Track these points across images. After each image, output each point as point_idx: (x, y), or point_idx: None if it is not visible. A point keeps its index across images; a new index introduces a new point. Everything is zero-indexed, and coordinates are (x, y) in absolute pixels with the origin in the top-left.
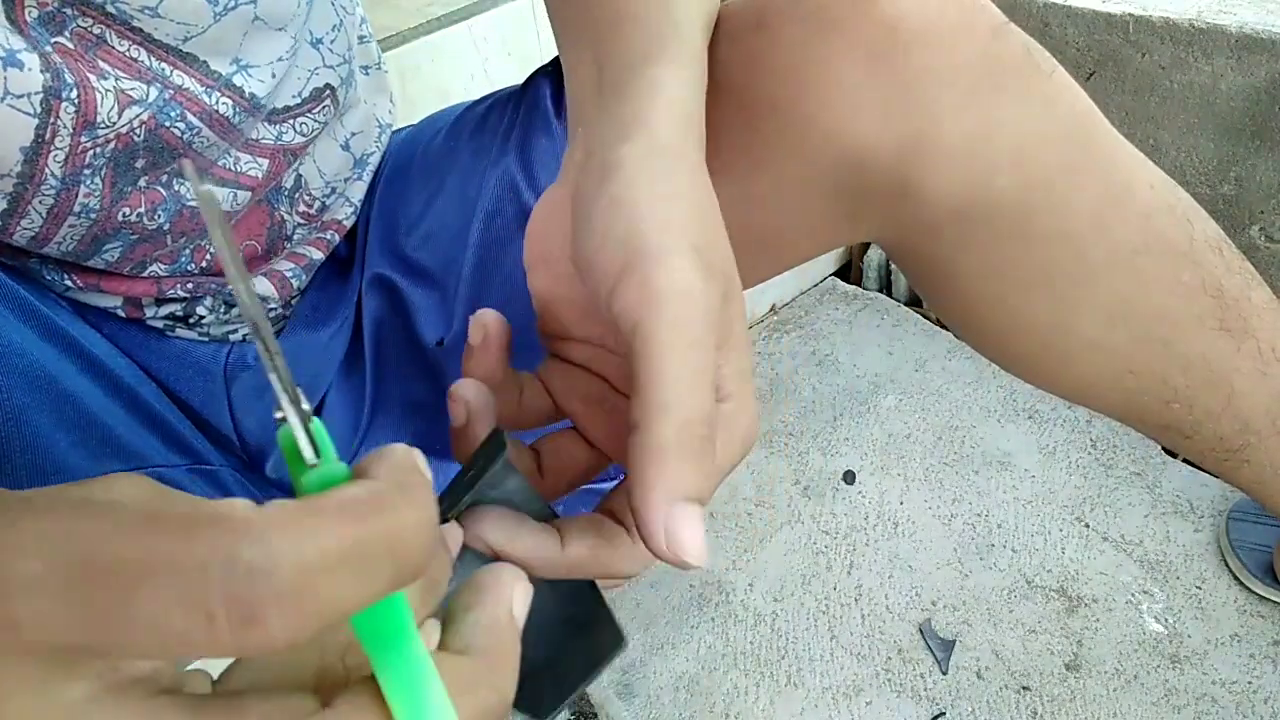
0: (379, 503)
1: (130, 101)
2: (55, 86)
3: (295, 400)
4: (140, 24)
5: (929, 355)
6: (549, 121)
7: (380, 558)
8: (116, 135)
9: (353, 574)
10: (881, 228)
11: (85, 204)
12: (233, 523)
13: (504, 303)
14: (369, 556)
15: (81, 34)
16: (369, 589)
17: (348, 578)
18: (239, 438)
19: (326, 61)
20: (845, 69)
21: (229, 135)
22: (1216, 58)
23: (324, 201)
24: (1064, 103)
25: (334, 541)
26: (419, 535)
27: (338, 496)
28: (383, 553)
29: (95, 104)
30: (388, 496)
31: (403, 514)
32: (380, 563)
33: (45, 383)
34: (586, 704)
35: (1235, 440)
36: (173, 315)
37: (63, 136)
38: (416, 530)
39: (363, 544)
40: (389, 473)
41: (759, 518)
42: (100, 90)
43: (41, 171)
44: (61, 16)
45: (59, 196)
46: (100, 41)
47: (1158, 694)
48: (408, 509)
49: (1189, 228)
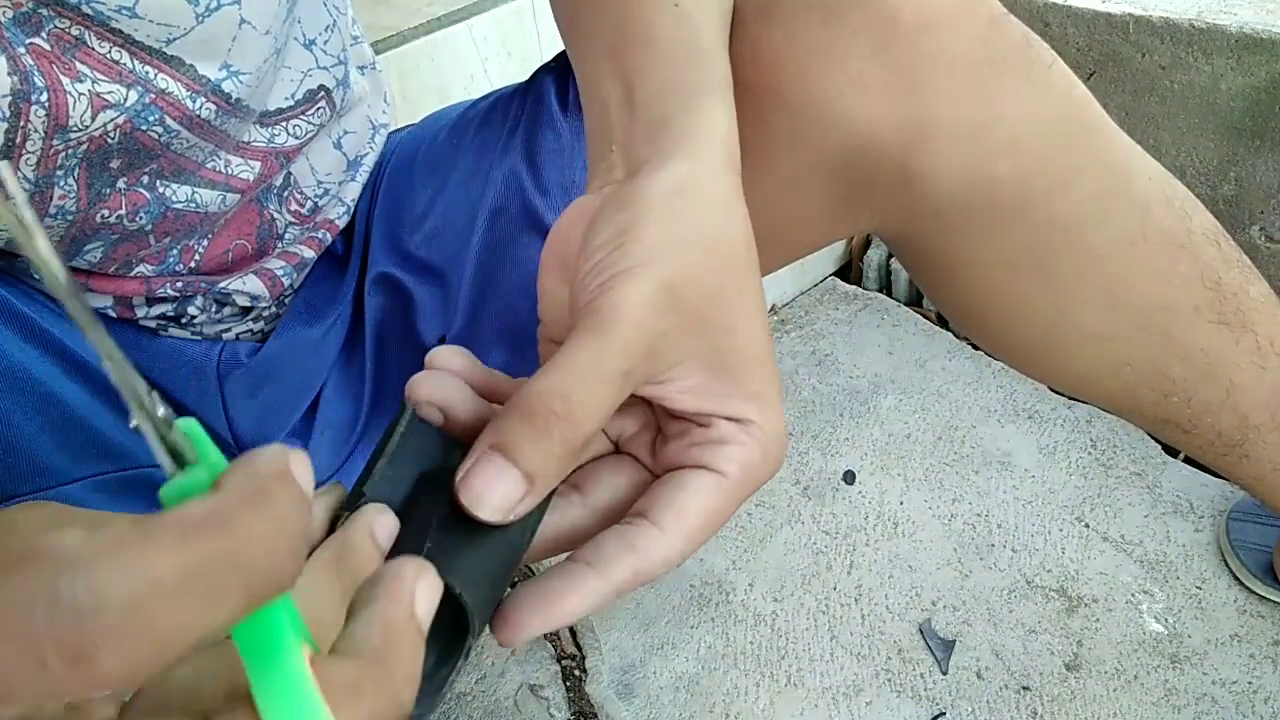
0: (219, 519)
1: (105, 105)
2: (24, 89)
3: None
4: (119, 25)
5: (929, 355)
6: (554, 118)
7: (224, 578)
8: (89, 138)
9: (193, 599)
10: (883, 217)
11: (61, 205)
12: (57, 556)
13: (508, 300)
14: (209, 578)
15: (59, 35)
16: (217, 612)
17: (188, 603)
18: (233, 437)
19: (320, 63)
20: (848, 56)
21: (212, 136)
22: (1216, 58)
23: (316, 201)
24: (1063, 93)
25: (167, 568)
26: (270, 548)
27: (175, 516)
28: (226, 572)
29: (67, 107)
30: (230, 510)
31: (247, 527)
32: (225, 583)
33: (28, 385)
34: (586, 704)
35: (1234, 435)
36: (164, 315)
37: (34, 140)
38: (265, 543)
39: (200, 566)
40: (240, 483)
41: (759, 518)
42: (73, 94)
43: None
44: (38, 17)
45: (32, 199)
46: (79, 43)
47: (1158, 694)
48: (255, 521)
49: (1187, 220)
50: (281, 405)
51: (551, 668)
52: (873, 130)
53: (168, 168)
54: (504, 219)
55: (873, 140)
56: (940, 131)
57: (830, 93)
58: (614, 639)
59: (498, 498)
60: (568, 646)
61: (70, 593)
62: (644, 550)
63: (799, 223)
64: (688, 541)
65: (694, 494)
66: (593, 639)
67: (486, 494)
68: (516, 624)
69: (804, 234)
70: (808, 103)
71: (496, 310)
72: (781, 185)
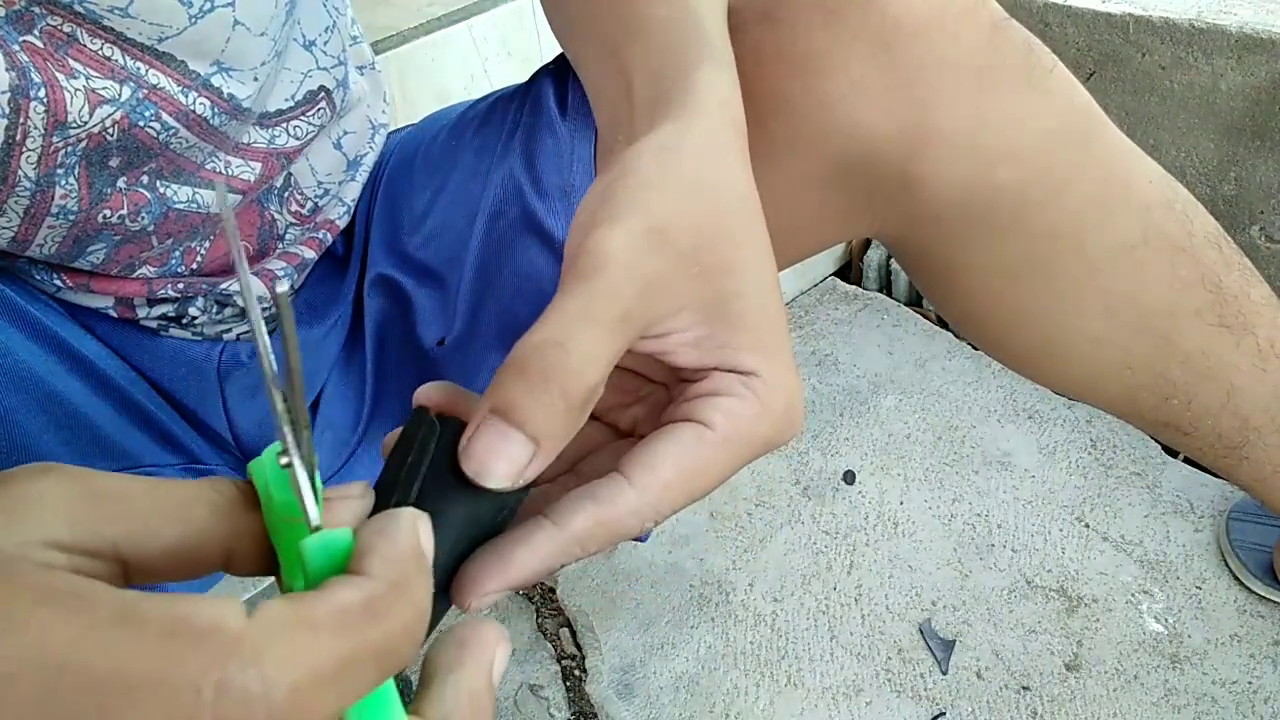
0: (374, 611)
1: (101, 101)
2: (22, 85)
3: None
4: (111, 23)
5: (929, 355)
6: (553, 121)
7: (370, 664)
8: (88, 135)
9: (344, 685)
10: (883, 222)
11: (63, 205)
12: (224, 639)
13: (507, 302)
14: (360, 667)
15: (51, 32)
16: (359, 694)
17: (339, 689)
18: (234, 437)
19: (320, 64)
20: (848, 61)
21: (210, 137)
22: (1216, 58)
23: (316, 202)
24: (1064, 97)
25: (328, 659)
26: (412, 637)
27: (332, 602)
28: (373, 659)
29: (65, 103)
30: (384, 602)
31: (398, 618)
32: (370, 669)
33: (33, 384)
34: (586, 704)
35: (1235, 437)
36: (165, 316)
37: (34, 137)
38: (409, 633)
39: (355, 657)
40: (387, 567)
41: (759, 518)
42: (70, 90)
43: (15, 173)
44: (30, 15)
45: (35, 198)
46: (71, 40)
47: (1158, 694)
48: (404, 611)
49: (1188, 223)
50: None
51: (551, 668)
52: (873, 135)
53: (167, 167)
54: (503, 222)
55: (873, 145)
56: (940, 138)
57: (831, 97)
58: (614, 639)
59: (505, 464)
60: (568, 646)
61: (243, 678)
62: (606, 499)
63: (799, 226)
64: (660, 495)
65: (669, 446)
66: (593, 639)
67: (491, 461)
68: (474, 588)
69: (804, 238)
70: (808, 107)
71: (495, 312)
72: (781, 189)
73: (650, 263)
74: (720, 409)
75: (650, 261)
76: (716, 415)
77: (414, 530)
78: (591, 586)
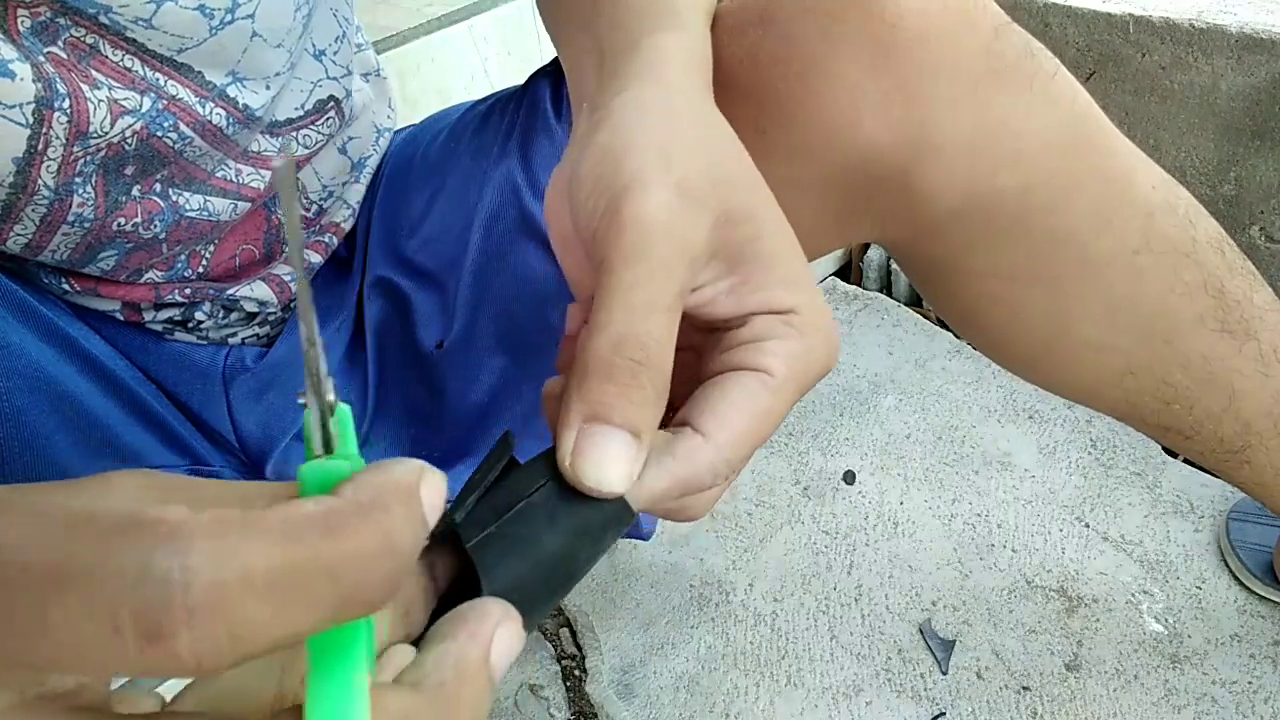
0: (328, 525)
1: (123, 111)
2: (47, 96)
3: (319, 389)
4: (134, 34)
5: (929, 355)
6: (549, 123)
7: (316, 586)
8: (108, 144)
9: (281, 600)
10: (883, 227)
11: (79, 213)
12: (159, 528)
13: (505, 305)
14: (301, 583)
15: (75, 43)
16: (302, 620)
17: (274, 604)
18: (238, 440)
19: (330, 73)
20: (848, 66)
21: (222, 145)
22: (1216, 58)
23: (321, 204)
24: (1065, 101)
25: (261, 561)
26: (369, 566)
27: (284, 511)
28: (320, 581)
29: (88, 114)
30: (340, 518)
31: (356, 540)
32: (316, 592)
33: (45, 384)
34: (586, 704)
35: (1236, 441)
36: (171, 319)
37: (55, 147)
38: (370, 561)
39: (295, 569)
40: (362, 490)
41: (759, 518)
42: (93, 100)
43: (35, 182)
44: (54, 26)
45: (52, 206)
46: (94, 51)
47: (1158, 694)
48: (365, 535)
49: (1191, 228)
50: (286, 409)
51: (551, 668)
52: (872, 142)
53: (178, 175)
54: (500, 224)
55: (872, 152)
56: (940, 142)
57: (829, 104)
58: (614, 639)
59: (621, 465)
60: (568, 646)
61: (164, 565)
62: (685, 457)
63: (798, 232)
64: (736, 447)
65: (735, 396)
66: (592, 639)
67: (607, 464)
68: None
69: (804, 242)
70: (807, 114)
71: (494, 315)
72: (780, 194)
73: (686, 225)
74: (773, 353)
75: (685, 223)
76: (772, 360)
77: (412, 470)
78: (591, 586)
